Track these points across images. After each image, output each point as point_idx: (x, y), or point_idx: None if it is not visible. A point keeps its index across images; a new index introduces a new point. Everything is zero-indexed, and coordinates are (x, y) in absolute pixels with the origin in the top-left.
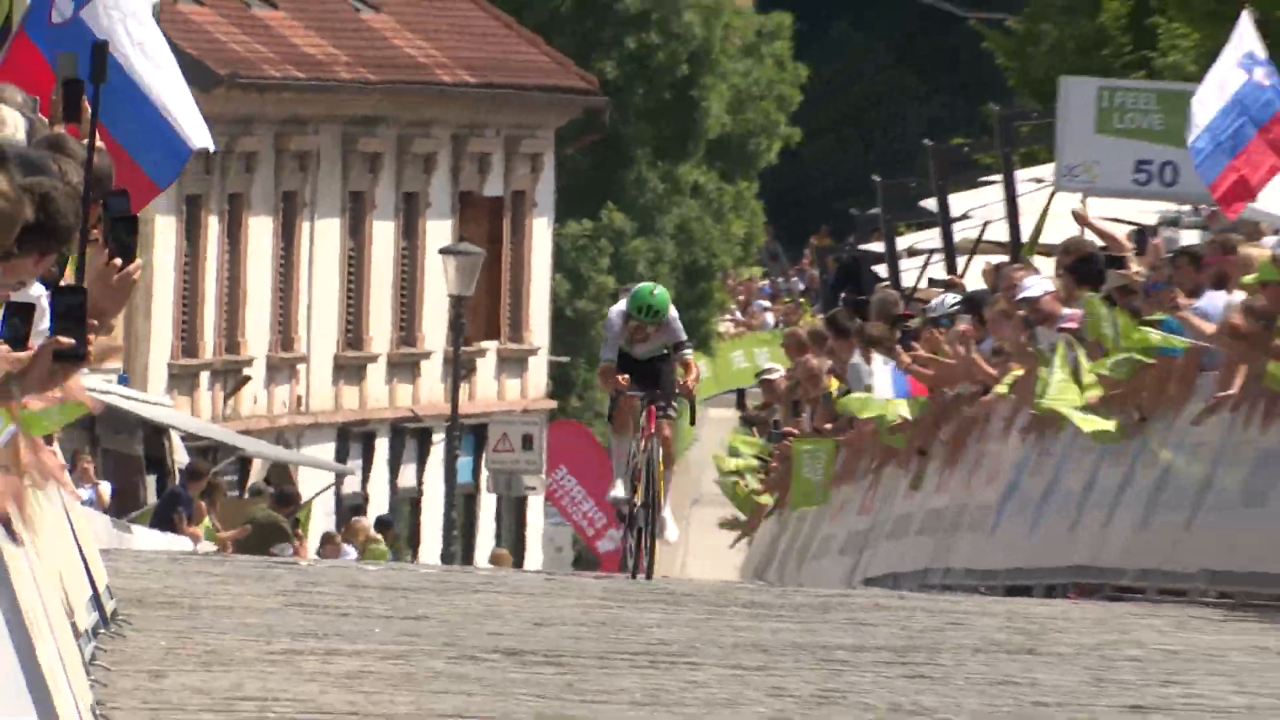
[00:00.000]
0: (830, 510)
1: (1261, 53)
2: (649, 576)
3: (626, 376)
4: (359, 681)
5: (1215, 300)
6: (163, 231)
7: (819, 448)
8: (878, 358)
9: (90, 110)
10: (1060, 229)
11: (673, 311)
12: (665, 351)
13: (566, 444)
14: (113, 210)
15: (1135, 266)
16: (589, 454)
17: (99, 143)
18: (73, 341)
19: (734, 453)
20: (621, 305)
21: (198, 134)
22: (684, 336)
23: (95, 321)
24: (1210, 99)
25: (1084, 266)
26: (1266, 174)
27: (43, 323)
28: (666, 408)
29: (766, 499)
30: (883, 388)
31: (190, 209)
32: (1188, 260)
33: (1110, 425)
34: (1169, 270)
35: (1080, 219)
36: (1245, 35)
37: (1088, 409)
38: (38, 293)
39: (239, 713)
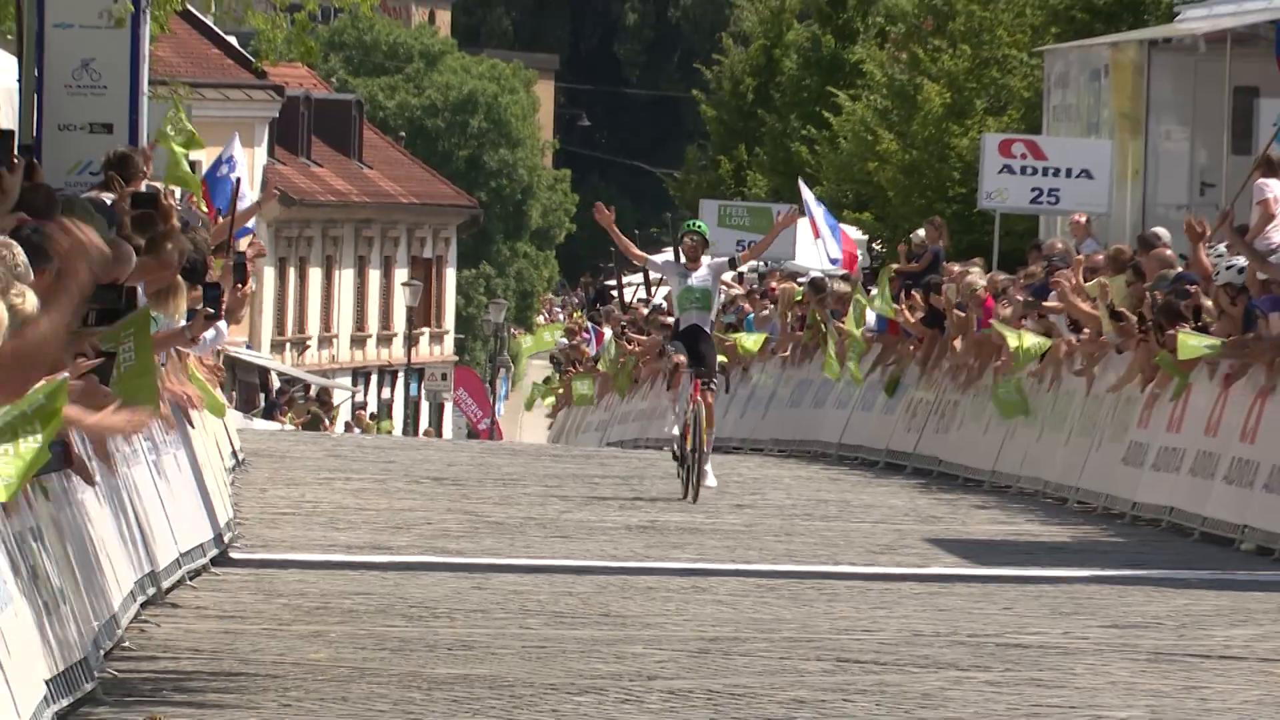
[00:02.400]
0: (593, 409)
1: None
2: (694, 500)
3: (683, 358)
4: (360, 492)
5: None
6: (267, 273)
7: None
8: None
9: (229, 218)
10: None
11: (713, 260)
12: (707, 329)
13: (463, 378)
14: (236, 260)
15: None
16: (475, 383)
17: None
18: (211, 310)
19: (547, 381)
20: (667, 254)
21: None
22: (728, 260)
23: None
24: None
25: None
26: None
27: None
28: (709, 382)
29: (551, 400)
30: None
31: (280, 262)
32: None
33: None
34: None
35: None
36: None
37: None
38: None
39: (303, 509)
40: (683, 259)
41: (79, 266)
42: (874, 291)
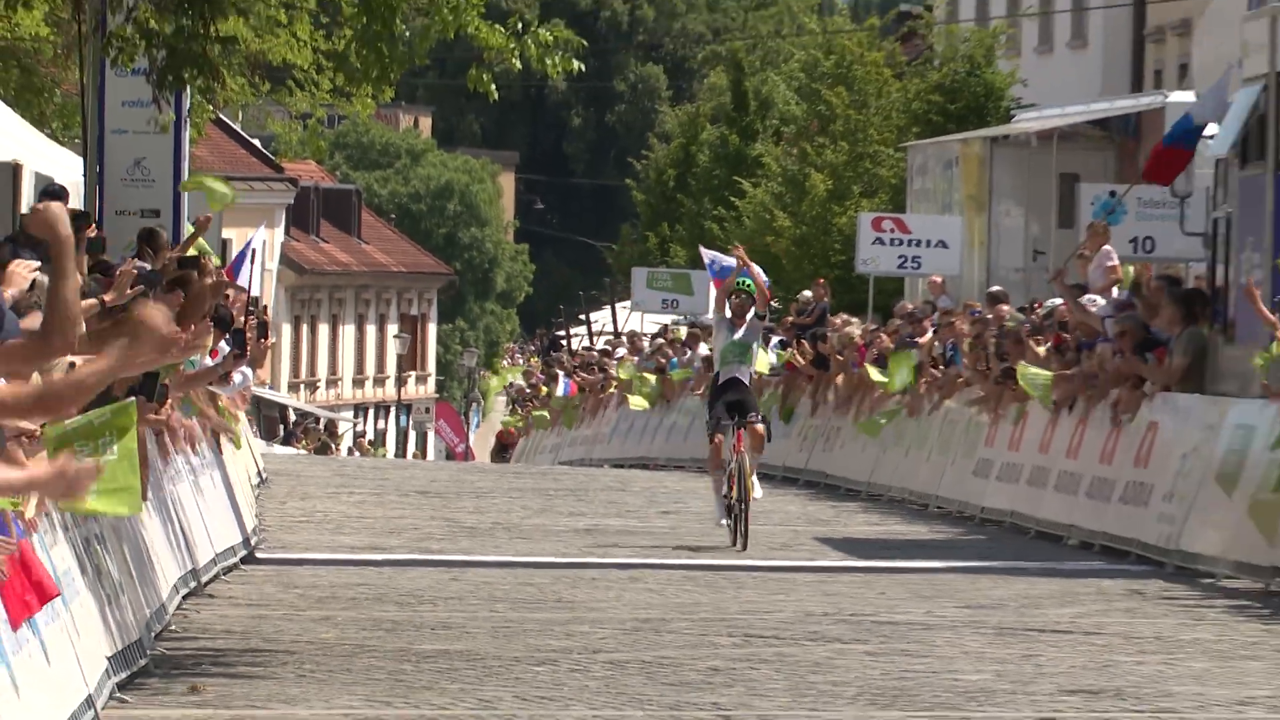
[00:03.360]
0: (549, 433)
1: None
2: (743, 548)
3: (720, 435)
4: (361, 503)
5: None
6: (284, 328)
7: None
8: None
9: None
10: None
11: (752, 318)
12: (746, 380)
13: (443, 411)
14: (259, 320)
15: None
16: (452, 415)
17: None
18: (239, 352)
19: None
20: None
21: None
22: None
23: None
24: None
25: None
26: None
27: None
28: (756, 419)
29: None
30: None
31: (295, 320)
32: None
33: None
34: None
35: None
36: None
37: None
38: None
39: (315, 517)
40: (729, 314)
41: (146, 342)
42: (769, 347)
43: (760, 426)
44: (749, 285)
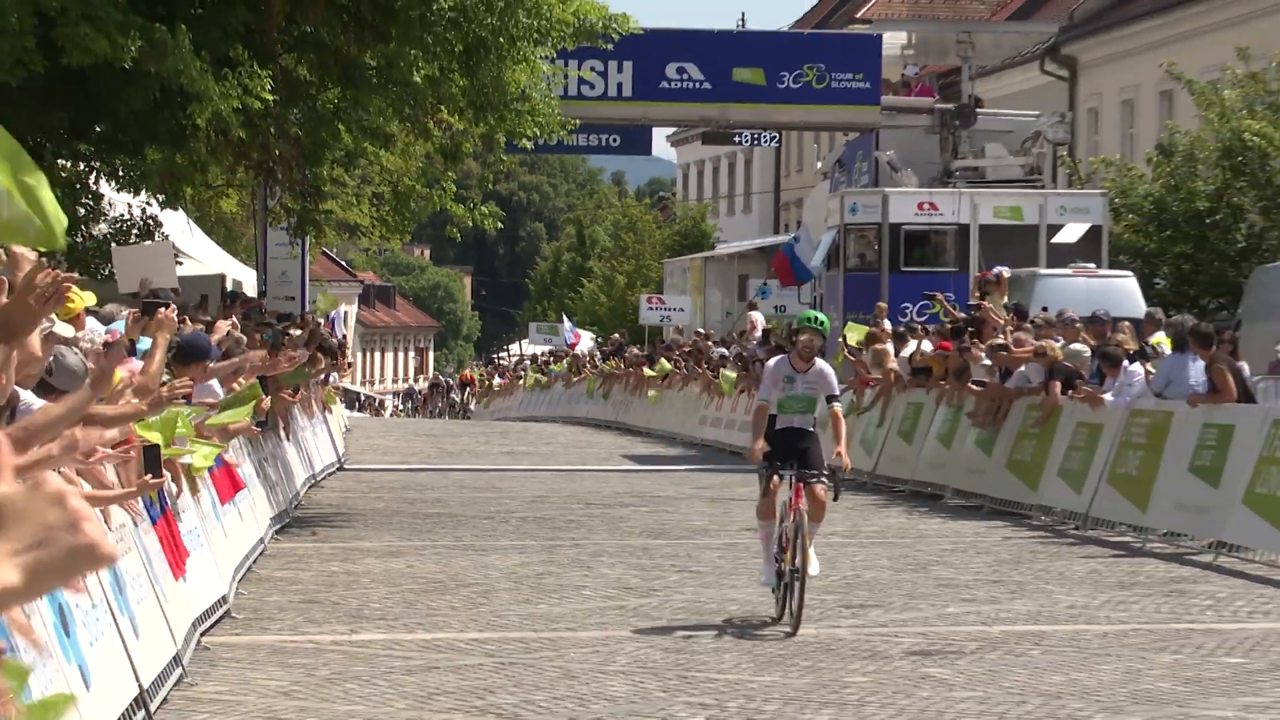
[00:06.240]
0: (490, 405)
1: None
2: (794, 630)
3: (765, 446)
4: (395, 439)
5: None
6: (357, 354)
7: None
8: None
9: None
10: None
11: (826, 366)
12: (811, 429)
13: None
14: (340, 344)
15: None
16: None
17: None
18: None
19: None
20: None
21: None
22: (836, 390)
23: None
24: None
25: None
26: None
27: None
28: (816, 477)
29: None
30: None
31: (363, 349)
32: None
33: None
34: None
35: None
36: None
37: None
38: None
39: (378, 448)
40: (791, 357)
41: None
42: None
43: (822, 489)
44: (821, 322)
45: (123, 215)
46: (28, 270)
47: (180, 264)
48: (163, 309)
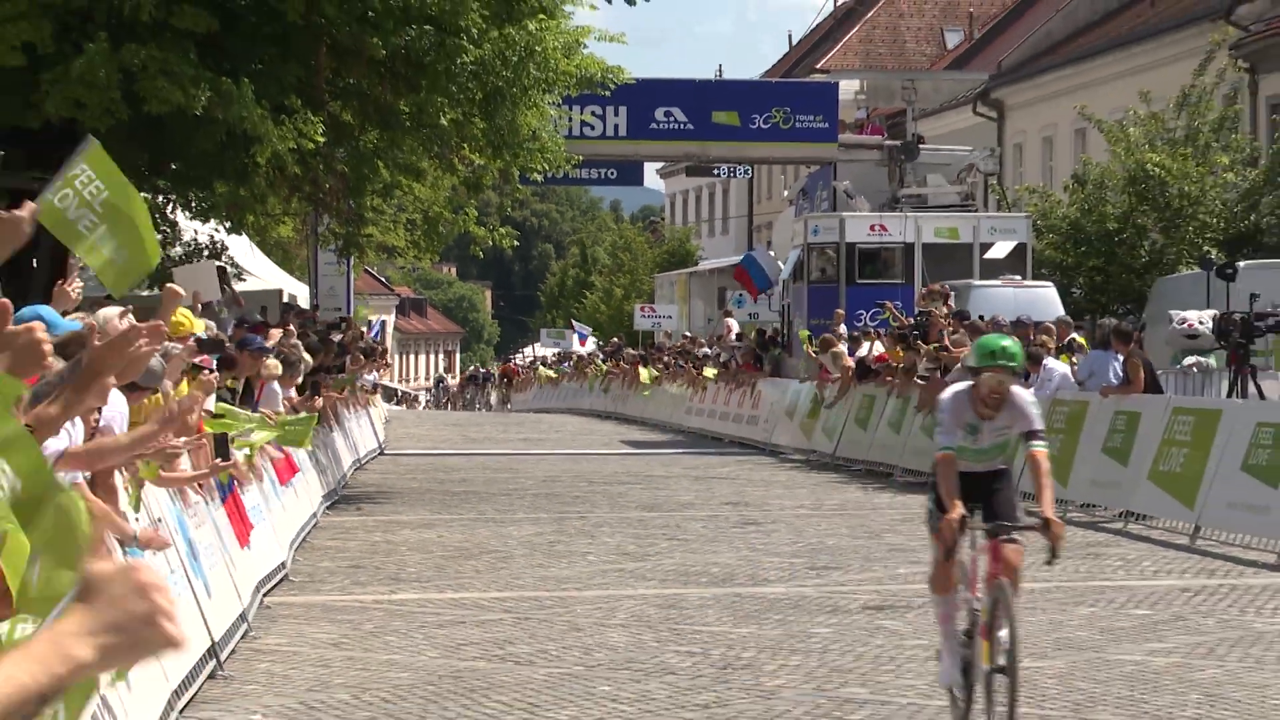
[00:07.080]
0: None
1: None
2: None
3: (962, 510)
4: (427, 428)
5: None
6: (396, 356)
7: None
8: None
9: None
10: None
11: (1021, 396)
12: (1003, 466)
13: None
14: (384, 348)
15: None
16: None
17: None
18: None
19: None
20: (957, 387)
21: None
22: (1038, 424)
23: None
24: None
25: None
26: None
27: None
28: (1012, 533)
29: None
30: None
31: (400, 351)
32: None
33: None
34: None
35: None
36: None
37: None
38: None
39: (413, 435)
40: (973, 400)
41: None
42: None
43: (1017, 550)
44: (1013, 355)
45: (190, 240)
46: (132, 327)
47: (244, 280)
48: (207, 373)
